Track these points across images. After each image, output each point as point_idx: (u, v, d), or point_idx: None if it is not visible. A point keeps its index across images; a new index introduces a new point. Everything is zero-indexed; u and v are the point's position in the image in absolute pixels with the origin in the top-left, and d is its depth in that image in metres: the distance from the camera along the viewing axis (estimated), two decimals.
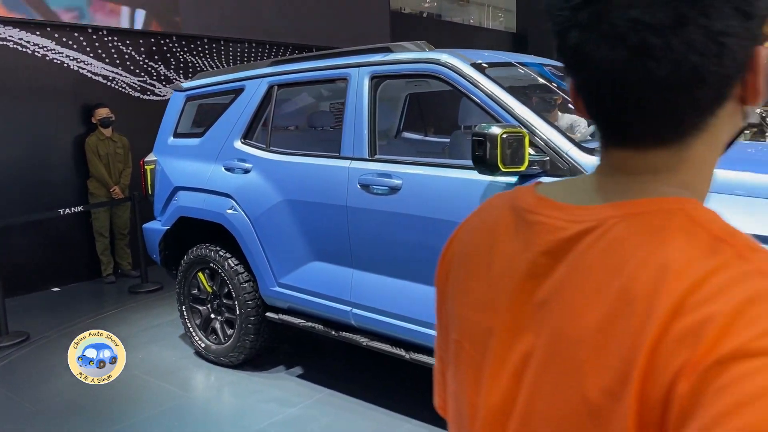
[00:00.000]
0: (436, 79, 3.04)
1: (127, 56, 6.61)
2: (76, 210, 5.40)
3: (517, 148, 2.51)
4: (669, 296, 0.49)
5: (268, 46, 8.11)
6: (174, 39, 7.01)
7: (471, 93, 2.88)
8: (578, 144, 2.63)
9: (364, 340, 3.29)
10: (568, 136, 2.66)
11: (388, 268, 3.16)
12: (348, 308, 3.29)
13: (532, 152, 2.63)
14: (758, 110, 8.91)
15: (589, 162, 2.55)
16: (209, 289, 4.00)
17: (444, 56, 3.02)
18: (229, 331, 3.94)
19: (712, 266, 0.50)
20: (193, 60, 7.26)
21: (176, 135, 4.36)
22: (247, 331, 3.81)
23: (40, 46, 5.96)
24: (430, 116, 5.66)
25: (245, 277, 3.77)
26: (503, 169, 2.50)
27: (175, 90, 4.48)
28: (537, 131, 2.66)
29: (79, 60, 6.23)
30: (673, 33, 0.52)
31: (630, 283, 0.52)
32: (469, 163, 2.62)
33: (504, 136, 2.48)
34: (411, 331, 3.04)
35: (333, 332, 3.42)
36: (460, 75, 2.92)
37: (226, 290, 3.86)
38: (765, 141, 7.91)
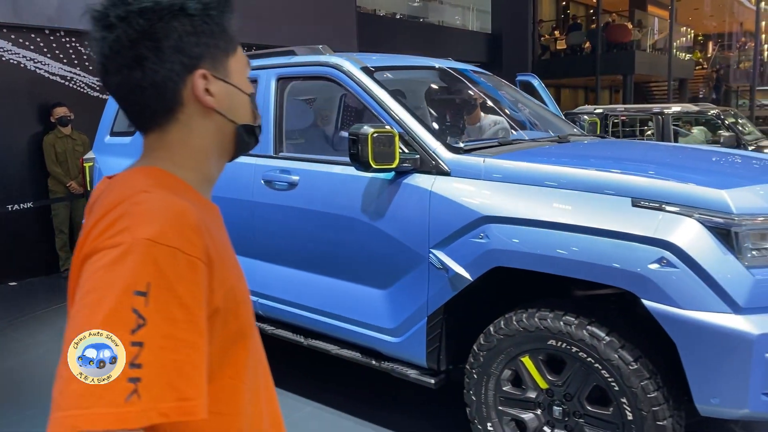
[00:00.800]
0: (330, 81, 3.20)
1: (85, 56, 6.77)
2: (26, 206, 5.56)
3: (388, 146, 2.67)
4: (96, 215, 0.78)
5: (254, 48, 8.27)
6: None
7: (358, 95, 3.04)
8: (445, 143, 2.79)
9: (269, 328, 3.47)
10: (437, 136, 2.82)
11: (287, 259, 3.33)
12: (254, 298, 3.46)
13: (406, 150, 2.79)
14: (714, 111, 9.14)
15: (453, 159, 2.71)
16: None
17: (338, 60, 3.18)
18: None
19: (120, 198, 0.77)
20: None
21: (112, 134, 4.53)
22: None
23: None
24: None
25: None
26: (375, 166, 2.66)
27: None
28: (410, 131, 2.83)
29: (36, 60, 6.40)
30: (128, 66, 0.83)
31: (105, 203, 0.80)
32: None
33: (375, 135, 2.63)
34: (307, 319, 3.21)
35: None
36: (350, 78, 3.08)
37: None
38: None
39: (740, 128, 9.17)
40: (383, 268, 2.88)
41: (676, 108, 9.53)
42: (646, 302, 2.14)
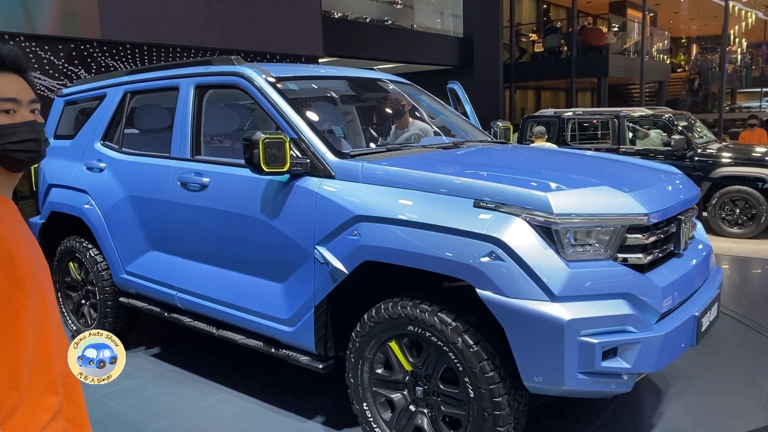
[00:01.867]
0: (238, 89, 3.46)
1: (45, 61, 7.01)
2: None
3: (279, 151, 2.93)
4: None
5: (193, 52, 8.53)
6: (95, 44, 7.43)
7: (261, 102, 3.30)
8: (333, 149, 3.05)
9: (187, 320, 3.73)
10: (327, 143, 3.08)
11: (200, 256, 3.59)
12: (174, 292, 3.72)
13: (299, 155, 3.05)
14: (667, 115, 9.49)
15: (337, 163, 2.96)
16: (78, 277, 4.44)
17: (245, 70, 3.44)
18: (94, 315, 4.37)
19: None
20: (116, 64, 7.67)
21: (56, 137, 4.77)
22: (105, 315, 4.24)
23: None
24: None
25: (103, 266, 4.20)
26: (266, 170, 2.91)
27: (57, 95, 4.90)
28: (304, 137, 3.09)
29: None
30: None
31: None
32: None
33: (266, 140, 2.88)
34: (218, 311, 3.47)
35: (165, 314, 3.86)
36: (254, 87, 3.34)
37: (90, 277, 4.30)
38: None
39: (694, 131, 9.54)
40: (279, 263, 3.14)
41: (631, 112, 9.86)
42: (479, 291, 2.41)
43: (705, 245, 3.17)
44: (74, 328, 4.53)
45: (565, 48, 19.52)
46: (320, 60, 10.61)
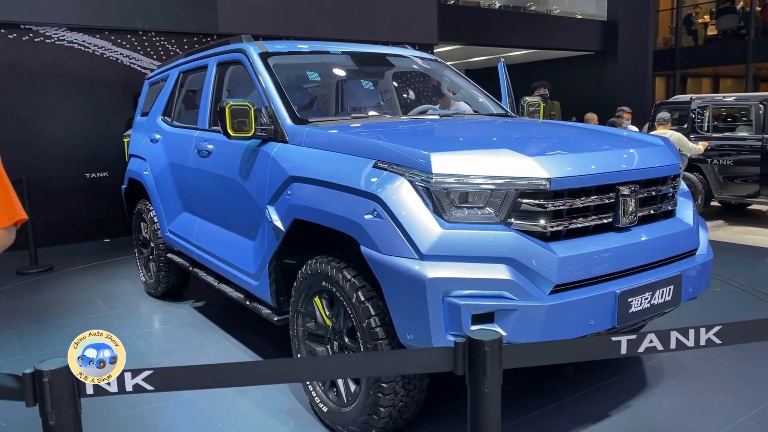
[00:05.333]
0: (240, 64, 3.77)
1: (171, 53, 8.00)
2: (102, 175, 6.86)
3: (244, 118, 3.19)
4: None
5: None
6: (215, 38, 8.28)
7: (251, 74, 3.57)
8: (294, 116, 3.22)
9: (201, 274, 4.16)
10: (292, 111, 3.25)
11: (207, 215, 3.99)
12: (192, 248, 4.17)
13: (269, 122, 3.27)
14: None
15: (291, 128, 3.14)
16: (146, 236, 5.12)
17: (246, 45, 3.74)
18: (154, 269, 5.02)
19: None
20: None
21: (142, 114, 5.51)
22: (160, 269, 4.85)
23: (99, 46, 7.54)
24: None
25: (157, 226, 4.81)
26: (233, 135, 3.18)
27: (145, 79, 5.65)
28: (273, 105, 3.30)
29: (131, 57, 7.74)
30: None
31: None
32: None
33: (232, 108, 3.16)
34: (216, 266, 3.84)
35: (190, 268, 4.33)
36: (249, 61, 3.63)
37: (151, 236, 4.95)
38: None
39: None
40: (249, 221, 3.41)
41: None
42: (362, 248, 2.46)
43: (681, 224, 2.84)
44: (143, 280, 5.23)
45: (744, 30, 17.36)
46: (435, 48, 10.69)
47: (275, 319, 3.27)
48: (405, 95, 4.46)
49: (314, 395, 2.91)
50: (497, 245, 2.30)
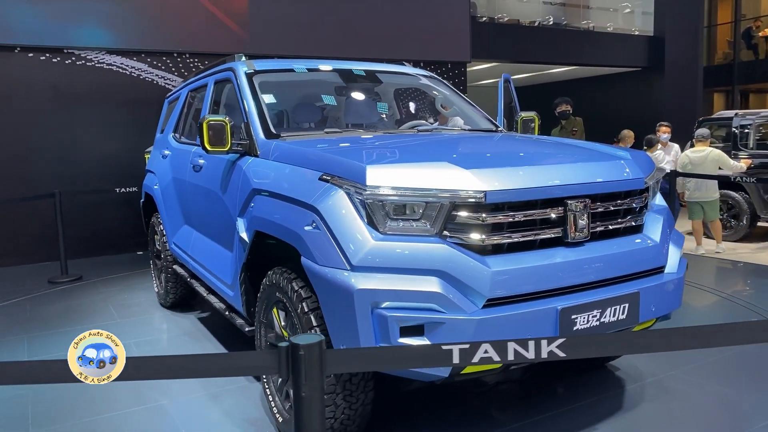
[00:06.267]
0: (230, 82, 3.90)
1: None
2: (131, 189, 7.17)
3: (220, 133, 3.30)
4: None
5: None
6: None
7: (236, 91, 3.70)
8: (268, 131, 3.31)
9: (195, 284, 4.28)
10: (266, 127, 3.34)
11: (200, 227, 4.12)
12: (189, 259, 4.31)
13: (246, 137, 3.37)
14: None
15: (262, 143, 3.22)
16: (159, 247, 5.32)
17: (235, 64, 3.87)
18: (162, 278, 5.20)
19: None
20: None
21: (161, 131, 5.75)
22: (168, 279, 5.03)
23: (136, 68, 7.93)
24: None
25: (166, 238, 4.99)
26: (210, 149, 3.30)
27: (166, 97, 5.91)
28: (249, 120, 3.40)
29: (165, 78, 8.10)
30: None
31: None
32: None
33: (209, 123, 3.28)
34: (204, 276, 3.95)
35: (188, 278, 4.47)
36: (235, 77, 3.76)
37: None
38: None
39: None
40: (228, 232, 3.50)
41: None
42: (302, 258, 2.49)
43: (645, 240, 2.74)
44: (156, 290, 5.42)
45: None
46: (468, 66, 10.68)
47: (246, 329, 3.33)
48: (398, 111, 4.47)
49: (272, 405, 2.94)
50: (428, 258, 2.29)
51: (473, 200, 2.34)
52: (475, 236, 2.36)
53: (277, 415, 2.89)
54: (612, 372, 3.61)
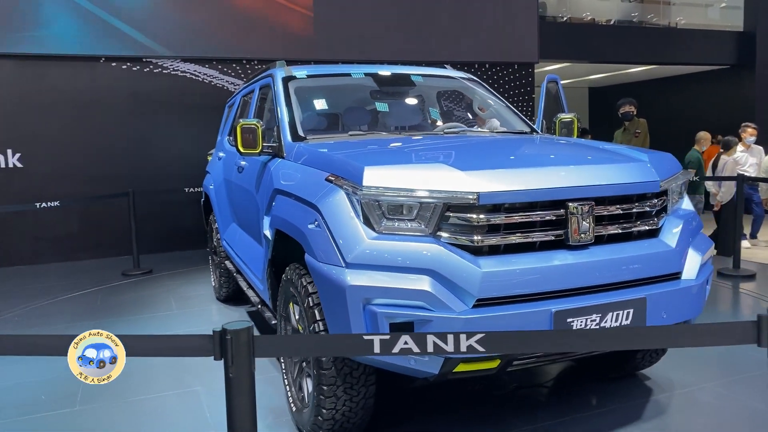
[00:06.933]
0: (269, 87, 4.09)
1: None
2: (199, 190, 7.58)
3: (253, 136, 3.49)
4: None
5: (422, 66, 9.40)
6: (312, 64, 8.85)
7: (272, 96, 3.89)
8: (295, 134, 3.46)
9: (240, 279, 4.51)
10: (294, 129, 3.50)
11: (242, 225, 4.35)
12: (235, 255, 4.55)
13: (276, 140, 3.55)
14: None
15: (289, 145, 3.37)
16: (215, 244, 5.64)
17: (275, 70, 4.06)
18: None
19: None
20: None
21: (221, 134, 6.08)
22: (221, 275, 5.33)
23: (208, 75, 8.40)
24: None
25: (219, 235, 5.29)
26: (243, 151, 3.49)
27: (226, 103, 6.24)
28: (280, 124, 3.58)
29: (234, 84, 8.51)
30: None
31: None
32: None
33: (243, 126, 3.48)
34: (245, 271, 4.17)
35: (235, 273, 4.72)
36: (273, 83, 3.95)
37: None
38: None
39: None
40: (258, 230, 3.69)
41: None
42: (305, 255, 2.61)
43: (659, 245, 2.66)
44: (213, 284, 5.75)
45: None
46: (536, 66, 10.49)
47: (272, 322, 3.50)
48: (432, 113, 4.51)
49: (289, 396, 3.09)
50: (419, 257, 2.35)
51: (466, 201, 2.37)
52: (469, 237, 2.39)
53: (292, 405, 3.03)
54: (642, 381, 3.50)
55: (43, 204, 6.26)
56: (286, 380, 3.14)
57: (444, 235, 2.40)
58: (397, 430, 3.01)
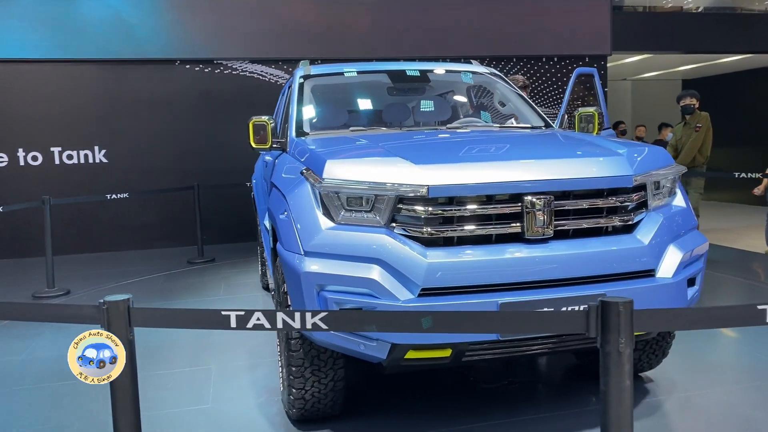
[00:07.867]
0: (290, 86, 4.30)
1: None
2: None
3: (263, 132, 3.71)
4: None
5: (462, 60, 9.37)
6: (373, 61, 9.04)
7: (290, 93, 4.09)
8: (299, 130, 3.64)
9: (267, 267, 4.77)
10: (300, 125, 3.68)
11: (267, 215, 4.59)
12: (266, 247, 4.81)
13: (284, 135, 3.76)
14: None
15: (291, 140, 3.57)
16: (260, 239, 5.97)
17: (297, 69, 4.27)
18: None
19: None
20: None
21: None
22: (262, 263, 5.65)
23: (274, 75, 8.81)
24: None
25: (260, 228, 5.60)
26: (254, 146, 3.73)
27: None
28: (289, 119, 3.78)
29: None
30: None
31: None
32: None
33: (254, 123, 3.71)
34: (268, 259, 4.41)
35: (265, 262, 4.99)
36: (293, 82, 4.16)
37: None
38: None
39: None
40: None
41: None
42: (277, 244, 2.78)
43: (630, 241, 2.60)
44: (260, 273, 6.09)
45: None
46: (609, 58, 10.09)
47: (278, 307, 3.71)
48: (445, 108, 4.53)
49: (281, 377, 3.28)
50: (369, 246, 2.45)
51: (417, 194, 2.44)
52: (420, 229, 2.46)
53: (281, 385, 3.22)
54: (643, 383, 3.39)
55: (113, 195, 6.85)
56: (279, 363, 3.34)
57: (396, 226, 2.49)
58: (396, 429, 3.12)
